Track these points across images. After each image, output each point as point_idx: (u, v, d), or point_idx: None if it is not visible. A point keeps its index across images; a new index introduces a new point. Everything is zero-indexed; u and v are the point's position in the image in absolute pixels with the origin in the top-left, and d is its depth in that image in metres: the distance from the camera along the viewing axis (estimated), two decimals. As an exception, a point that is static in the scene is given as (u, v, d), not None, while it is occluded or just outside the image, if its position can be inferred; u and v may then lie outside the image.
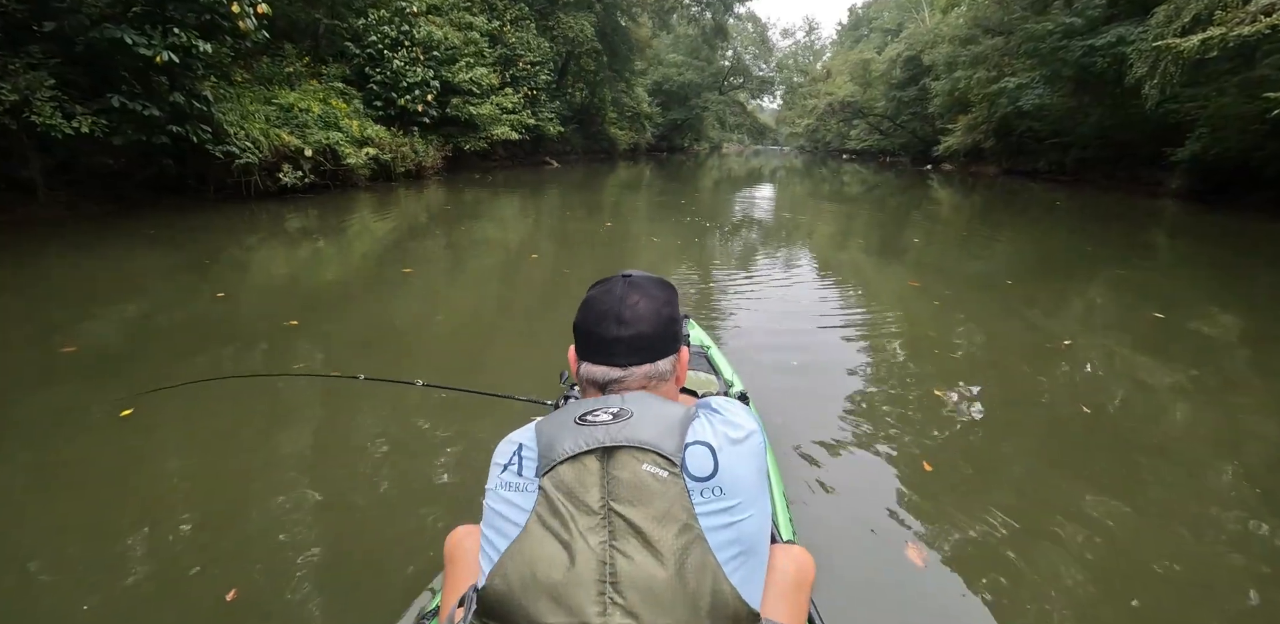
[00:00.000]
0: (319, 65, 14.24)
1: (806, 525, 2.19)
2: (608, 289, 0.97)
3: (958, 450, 2.97)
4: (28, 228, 8.26)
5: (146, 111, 8.35)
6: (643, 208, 13.44)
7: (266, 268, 6.79)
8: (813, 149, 60.42)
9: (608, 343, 0.93)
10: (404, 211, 11.48)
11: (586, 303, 0.97)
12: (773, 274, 6.92)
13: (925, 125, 35.04)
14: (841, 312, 5.42)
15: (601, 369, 0.93)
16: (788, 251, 8.53)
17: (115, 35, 7.68)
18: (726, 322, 4.99)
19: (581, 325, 0.96)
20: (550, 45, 22.20)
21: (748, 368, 3.49)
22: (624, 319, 0.92)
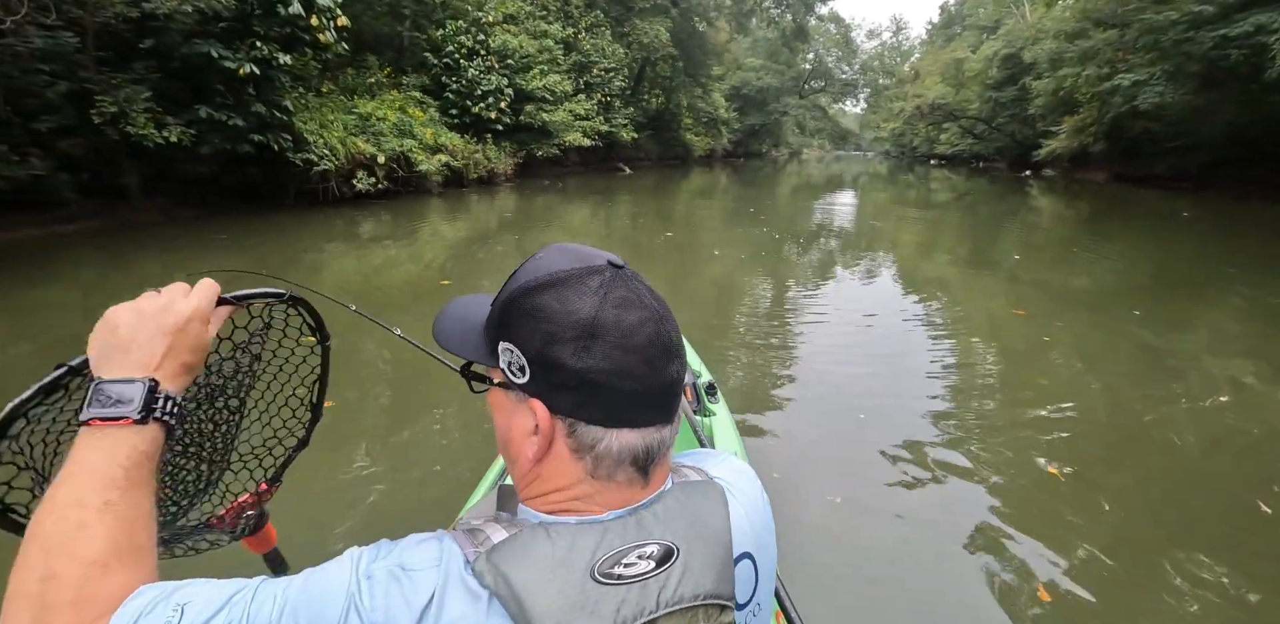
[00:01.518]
0: (400, 76, 14.66)
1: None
2: (631, 294, 0.52)
3: (1082, 568, 2.18)
4: (124, 231, 8.81)
5: (231, 121, 8.69)
6: (712, 216, 12.94)
7: (316, 273, 6.83)
8: (898, 154, 57.85)
9: (668, 389, 0.53)
10: (473, 218, 11.54)
11: (616, 326, 0.50)
12: (847, 299, 6.14)
13: (1024, 128, 32.63)
14: (929, 346, 4.60)
15: (650, 435, 0.52)
16: (867, 269, 7.76)
17: (204, 50, 8.01)
18: (782, 359, 4.30)
19: (620, 368, 0.50)
20: (625, 51, 22.14)
21: (802, 417, 3.03)
22: (674, 344, 0.53)
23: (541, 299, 0.50)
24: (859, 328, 5.00)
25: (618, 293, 0.50)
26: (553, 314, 0.49)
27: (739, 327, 4.96)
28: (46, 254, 7.55)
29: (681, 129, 31.07)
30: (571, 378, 0.49)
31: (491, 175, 16.13)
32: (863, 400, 3.54)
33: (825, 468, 2.80)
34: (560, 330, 0.48)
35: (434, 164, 13.18)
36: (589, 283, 0.50)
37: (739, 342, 4.57)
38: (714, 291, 6.34)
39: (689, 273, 7.23)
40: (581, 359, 0.48)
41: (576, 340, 0.48)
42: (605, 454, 0.51)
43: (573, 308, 0.49)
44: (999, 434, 3.15)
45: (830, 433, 3.14)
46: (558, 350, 0.48)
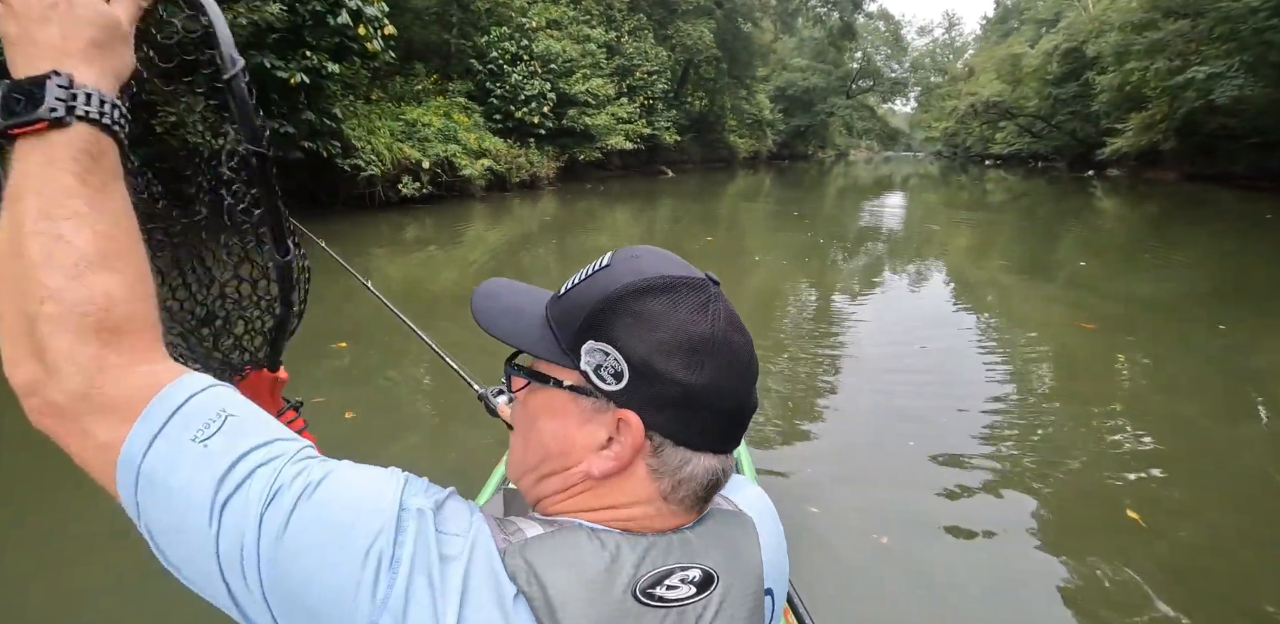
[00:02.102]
0: (446, 82, 14.94)
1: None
2: (732, 315, 0.49)
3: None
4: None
5: (283, 129, 8.97)
6: (754, 220, 12.71)
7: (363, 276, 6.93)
8: (951, 154, 56.07)
9: (750, 414, 0.52)
10: (515, 222, 11.64)
11: (728, 345, 0.47)
12: (894, 309, 5.84)
13: (1086, 125, 31.15)
14: (985, 363, 4.22)
15: (726, 461, 0.51)
16: (916, 276, 7.42)
17: (257, 61, 8.28)
18: (823, 376, 4.04)
19: (725, 389, 0.47)
20: (668, 54, 22.08)
21: (844, 443, 2.84)
22: (758, 371, 0.52)
23: (654, 304, 0.46)
24: (907, 341, 4.71)
25: (727, 310, 0.48)
26: (669, 322, 0.45)
27: (777, 339, 4.76)
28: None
29: (725, 131, 30.80)
30: (677, 392, 0.45)
31: (534, 179, 16.28)
32: (912, 425, 3.25)
33: (871, 503, 2.55)
34: (675, 340, 0.45)
35: (477, 168, 13.37)
36: (698, 296, 0.47)
37: (776, 356, 4.36)
38: (753, 300, 6.14)
39: (729, 280, 7.01)
40: (693, 374, 0.45)
41: (692, 354, 0.45)
42: (689, 479, 0.48)
43: (689, 319, 0.46)
44: (1069, 470, 2.80)
45: (876, 462, 2.90)
46: (668, 361, 0.45)
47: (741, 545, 0.53)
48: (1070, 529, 2.38)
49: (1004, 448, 2.97)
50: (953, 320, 5.34)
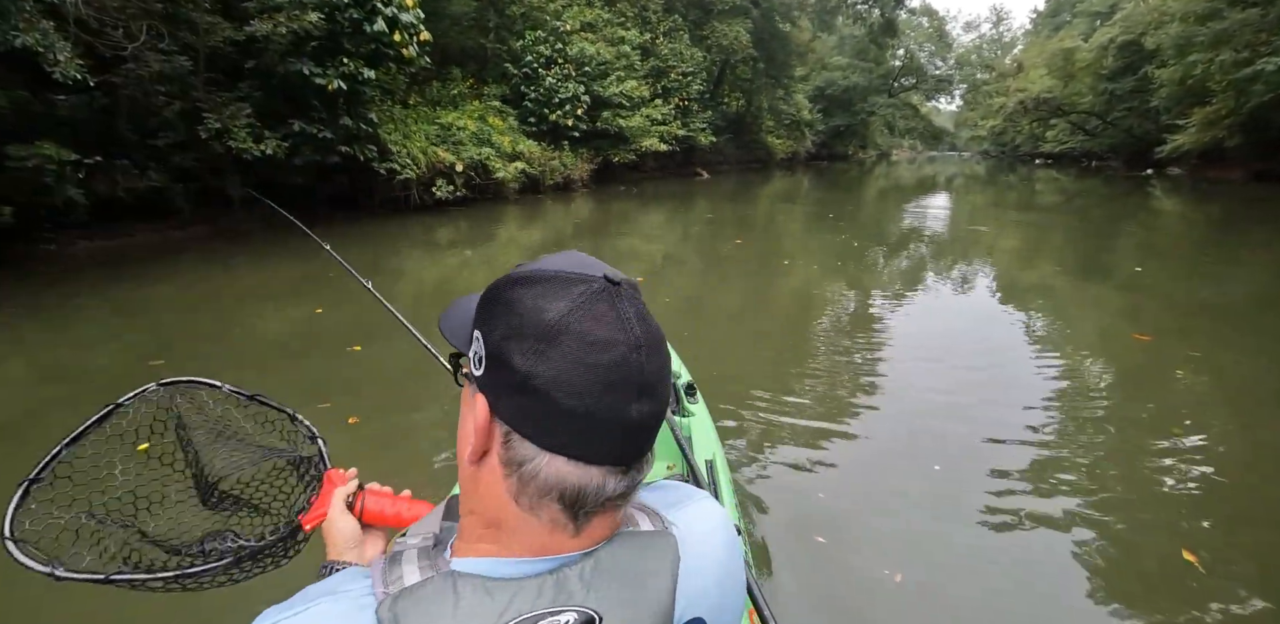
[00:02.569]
0: (481, 86, 15.09)
1: None
2: (613, 312, 0.46)
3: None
4: (227, 236, 9.53)
5: (321, 134, 9.16)
6: (788, 222, 12.45)
7: (398, 279, 7.01)
8: (998, 153, 54.29)
9: (627, 429, 0.46)
10: (548, 224, 11.65)
11: (580, 337, 0.44)
12: (932, 318, 5.52)
13: (1144, 122, 29.73)
14: (1028, 378, 3.94)
15: (590, 475, 0.46)
16: (958, 282, 7.09)
17: (297, 68, 8.48)
18: (845, 390, 3.81)
19: (567, 382, 0.44)
20: (704, 55, 21.90)
21: (861, 465, 2.64)
22: (647, 381, 0.46)
23: (519, 292, 0.46)
24: (944, 356, 4.43)
25: (599, 307, 0.45)
26: (524, 309, 0.45)
27: (801, 349, 4.57)
28: (161, 257, 8.24)
29: (762, 132, 30.42)
30: (515, 380, 0.44)
31: (567, 182, 16.31)
32: (941, 445, 3.00)
33: (885, 534, 2.31)
34: (523, 326, 0.45)
35: (511, 171, 13.45)
36: (574, 289, 0.45)
37: (798, 367, 4.16)
38: (779, 307, 5.94)
39: (753, 285, 6.83)
40: (531, 362, 0.44)
41: (534, 340, 0.44)
42: (530, 477, 0.45)
43: (544, 306, 0.45)
44: (1115, 504, 2.52)
45: (896, 487, 2.65)
46: (512, 346, 0.45)
47: (644, 574, 0.48)
48: (1114, 573, 2.13)
49: (1044, 476, 2.73)
50: (996, 330, 5.04)
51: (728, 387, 3.67)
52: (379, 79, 9.77)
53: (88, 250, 8.52)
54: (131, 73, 7.91)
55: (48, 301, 5.90)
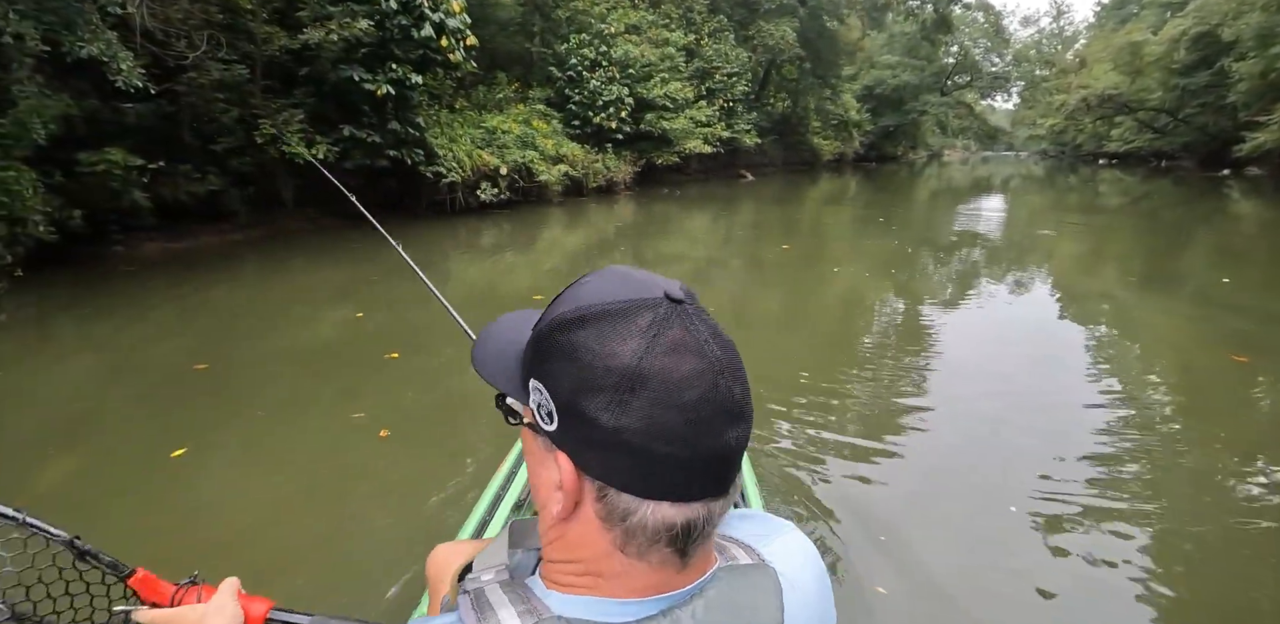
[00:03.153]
0: (526, 90, 15.23)
1: None
2: (688, 337, 0.42)
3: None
4: (281, 237, 9.83)
5: (370, 138, 9.36)
6: (837, 226, 12.11)
7: (442, 281, 7.06)
8: (1058, 153, 52.03)
9: (724, 458, 0.43)
10: (591, 227, 11.65)
11: (663, 378, 0.40)
12: (991, 332, 5.20)
13: (1221, 119, 27.94)
14: (1105, 402, 3.54)
15: (695, 510, 0.44)
16: (1016, 290, 6.69)
17: (348, 74, 8.68)
18: (899, 416, 3.44)
19: (661, 430, 0.40)
20: (749, 55, 21.62)
21: (921, 499, 2.44)
22: (737, 404, 0.43)
23: (579, 336, 0.42)
24: (1005, 371, 4.12)
25: (672, 335, 0.41)
26: (590, 356, 0.41)
27: (850, 363, 4.34)
28: (220, 258, 8.54)
29: (808, 133, 29.89)
30: (602, 436, 0.41)
31: (610, 184, 16.31)
32: (1014, 480, 2.67)
33: (953, 581, 2.05)
34: (595, 377, 0.40)
35: (554, 174, 13.52)
36: (638, 321, 0.41)
37: (848, 384, 3.92)
38: (827, 316, 5.70)
39: (802, 293, 6.61)
40: (616, 416, 0.40)
41: (613, 392, 0.40)
42: (638, 529, 0.43)
43: (612, 350, 0.40)
44: (1222, 556, 2.22)
45: (964, 530, 2.36)
46: (589, 401, 0.41)
47: (756, 610, 0.48)
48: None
49: (1136, 528, 2.44)
50: (1060, 344, 4.69)
51: (774, 395, 3.51)
52: (426, 84, 9.94)
53: (154, 252, 8.89)
54: (193, 81, 8.22)
55: (115, 301, 6.16)
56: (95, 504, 2.57)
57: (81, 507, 2.53)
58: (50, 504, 2.54)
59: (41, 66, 6.43)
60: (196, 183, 9.02)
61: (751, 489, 1.73)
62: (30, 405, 3.68)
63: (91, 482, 2.78)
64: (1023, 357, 4.35)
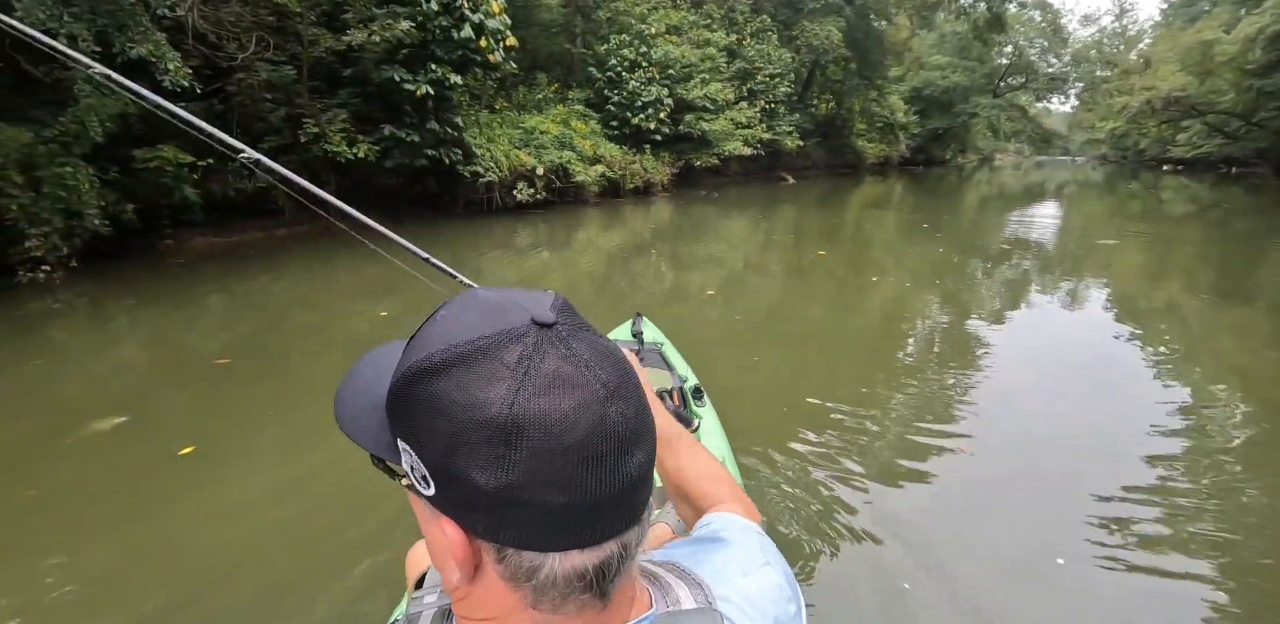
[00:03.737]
0: (566, 90, 15.28)
1: None
2: (565, 366, 0.37)
3: None
4: (326, 234, 10.05)
5: (410, 138, 9.49)
6: (879, 232, 11.73)
7: (475, 278, 7.07)
8: (1118, 158, 49.78)
9: (626, 492, 0.39)
10: (627, 228, 11.59)
11: (541, 423, 0.36)
12: (1043, 347, 4.89)
13: (1300, 122, 26.28)
14: (1161, 427, 3.29)
15: (608, 549, 0.40)
16: (1070, 302, 6.31)
17: (389, 75, 8.81)
18: (935, 447, 3.13)
19: (551, 481, 0.36)
20: (793, 55, 21.26)
21: (959, 543, 2.25)
22: (631, 430, 0.39)
23: (439, 386, 0.37)
24: (1056, 391, 3.84)
25: (546, 367, 0.36)
26: (455, 409, 0.36)
27: (885, 381, 4.11)
28: (267, 253, 8.79)
29: (852, 135, 29.27)
30: (485, 497, 0.37)
31: (648, 185, 16.23)
32: (1065, 512, 2.45)
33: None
34: (465, 433, 0.36)
35: (591, 175, 13.51)
36: (504, 358, 0.36)
37: (883, 406, 3.67)
38: (863, 333, 5.37)
39: (838, 303, 6.31)
40: (496, 474, 0.36)
41: (487, 447, 0.35)
42: (547, 585, 0.39)
43: (479, 399, 0.36)
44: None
45: (1009, 567, 2.15)
46: (464, 461, 0.36)
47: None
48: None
49: (1174, 539, 2.25)
50: (1118, 363, 4.36)
51: (804, 412, 3.35)
52: (466, 84, 10.03)
53: (202, 246, 9.19)
54: (242, 81, 8.46)
55: (163, 292, 6.40)
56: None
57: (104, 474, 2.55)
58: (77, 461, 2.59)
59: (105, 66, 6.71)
60: (244, 180, 9.29)
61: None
62: (79, 380, 3.94)
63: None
64: (1077, 376, 4.07)
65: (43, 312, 5.75)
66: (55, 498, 2.58)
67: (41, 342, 4.83)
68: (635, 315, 2.82)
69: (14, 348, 4.57)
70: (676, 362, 2.58)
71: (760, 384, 3.85)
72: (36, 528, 2.38)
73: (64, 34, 5.10)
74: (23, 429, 3.24)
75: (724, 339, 4.83)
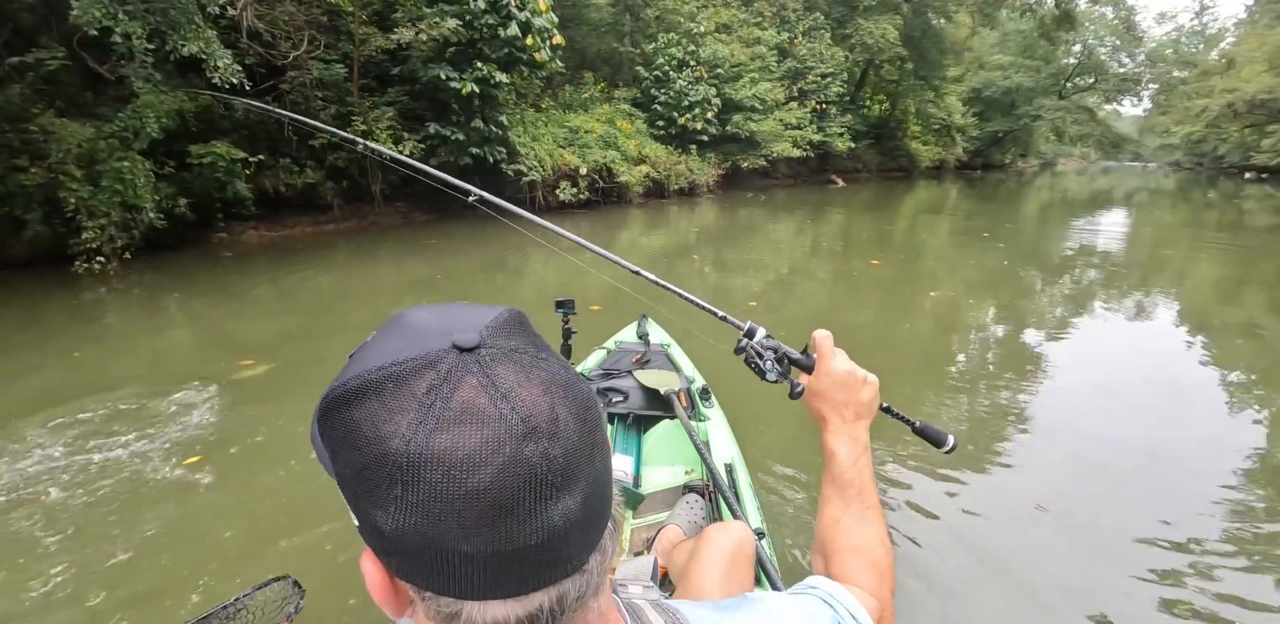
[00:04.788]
0: (613, 89, 15.19)
1: None
2: (478, 397, 0.34)
3: None
4: (372, 231, 10.23)
5: (454, 136, 9.51)
6: (935, 241, 11.16)
7: (518, 277, 7.08)
8: (1193, 165, 47.03)
9: (549, 542, 0.35)
10: (670, 230, 11.42)
11: (440, 462, 0.32)
12: (1107, 370, 4.48)
13: (1406, 127, 24.20)
14: (1237, 457, 2.98)
15: (535, 601, 0.37)
16: (1137, 316, 5.84)
17: (436, 73, 8.84)
18: (984, 476, 2.85)
19: (449, 529, 0.33)
20: (846, 54, 20.65)
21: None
22: (553, 472, 0.34)
23: (353, 415, 0.34)
24: (1123, 412, 3.51)
25: (459, 397, 0.33)
26: (364, 442, 0.34)
27: (939, 398, 3.81)
28: (315, 247, 8.95)
29: (907, 138, 28.34)
30: (388, 541, 0.34)
31: (693, 187, 16.00)
32: (1127, 548, 2.24)
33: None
34: (370, 470, 0.33)
35: (635, 175, 13.37)
36: (415, 387, 0.34)
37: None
38: (918, 345, 4.97)
39: (890, 318, 5.82)
40: (394, 516, 0.33)
41: (386, 487, 0.33)
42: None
43: (382, 433, 0.33)
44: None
45: (1061, 606, 1.95)
46: (366, 498, 0.34)
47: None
48: None
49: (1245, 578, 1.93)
50: (1189, 386, 3.96)
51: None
52: (512, 83, 10.01)
53: (253, 240, 9.43)
54: (295, 79, 8.62)
55: (214, 284, 6.58)
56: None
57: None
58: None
59: (161, 64, 6.91)
60: (295, 175, 9.48)
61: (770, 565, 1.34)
62: (126, 364, 4.12)
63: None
64: (1142, 398, 3.70)
65: (96, 301, 5.94)
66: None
67: (96, 329, 5.04)
68: (641, 317, 2.78)
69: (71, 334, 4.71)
70: (683, 363, 2.56)
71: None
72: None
73: (120, 32, 5.22)
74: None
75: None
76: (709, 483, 1.77)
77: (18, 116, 6.27)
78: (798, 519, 2.26)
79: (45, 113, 6.33)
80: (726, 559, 1.05)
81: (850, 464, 0.74)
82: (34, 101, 6.44)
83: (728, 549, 1.06)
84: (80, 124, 6.54)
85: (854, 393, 0.77)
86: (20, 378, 3.84)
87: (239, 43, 7.60)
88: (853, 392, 0.77)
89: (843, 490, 0.73)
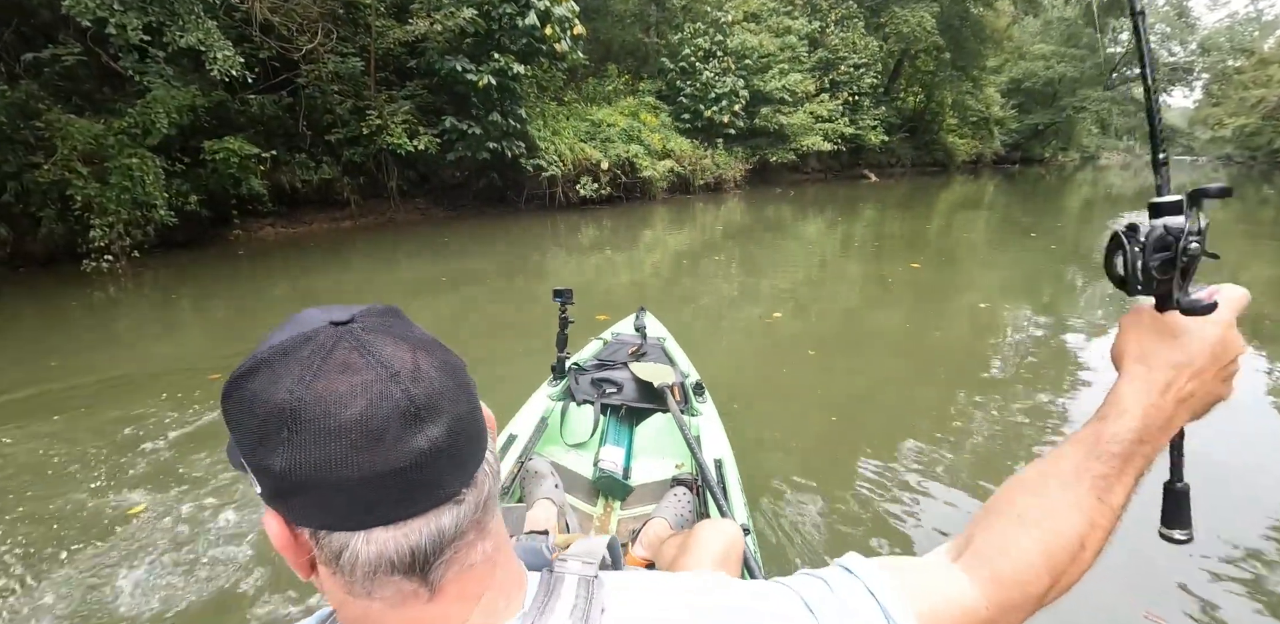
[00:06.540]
0: (637, 82, 14.79)
1: None
2: (354, 356, 0.40)
3: None
4: (389, 227, 10.06)
5: (471, 130, 9.25)
6: (976, 241, 10.42)
7: (538, 277, 6.84)
8: (1246, 159, 44.72)
9: (419, 465, 0.39)
10: (695, 227, 11.05)
11: (319, 404, 0.38)
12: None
13: None
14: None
15: (418, 529, 0.40)
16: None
17: (452, 65, 8.57)
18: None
19: (328, 457, 0.38)
20: (880, 44, 19.90)
21: None
22: (417, 406, 0.39)
23: (247, 388, 0.39)
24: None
25: (336, 358, 0.39)
26: (256, 404, 0.39)
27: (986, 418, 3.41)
28: (331, 244, 8.80)
29: (942, 131, 27.35)
30: (285, 483, 0.38)
31: (719, 182, 15.56)
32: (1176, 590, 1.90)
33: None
34: (264, 421, 0.38)
35: (659, 170, 12.98)
36: (299, 355, 0.39)
37: (970, 455, 3.05)
38: (969, 369, 4.33)
39: (936, 334, 5.19)
40: (285, 456, 0.38)
41: (278, 432, 0.38)
42: (351, 565, 0.40)
43: (272, 392, 0.38)
44: None
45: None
46: (264, 451, 0.38)
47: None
48: None
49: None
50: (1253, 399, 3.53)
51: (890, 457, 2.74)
52: (532, 75, 9.71)
53: (269, 236, 9.32)
54: (311, 73, 8.43)
55: (229, 282, 6.49)
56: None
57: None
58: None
59: (175, 59, 6.76)
60: (311, 171, 9.33)
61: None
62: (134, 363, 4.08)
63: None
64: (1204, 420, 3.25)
65: (107, 301, 5.82)
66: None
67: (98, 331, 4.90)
68: (639, 309, 2.82)
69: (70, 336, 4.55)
70: (679, 356, 2.60)
71: (838, 435, 3.24)
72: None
73: (114, 24, 5.03)
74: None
75: (792, 384, 4.18)
76: (698, 477, 1.78)
77: (33, 113, 6.17)
78: (783, 517, 2.31)
79: (52, 109, 6.22)
80: (717, 557, 1.08)
81: (1129, 438, 0.53)
82: (44, 98, 6.34)
83: (719, 547, 1.10)
84: (90, 120, 6.42)
85: (1214, 369, 0.55)
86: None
87: (252, 36, 7.42)
88: (1217, 366, 0.55)
89: (1087, 459, 0.53)
